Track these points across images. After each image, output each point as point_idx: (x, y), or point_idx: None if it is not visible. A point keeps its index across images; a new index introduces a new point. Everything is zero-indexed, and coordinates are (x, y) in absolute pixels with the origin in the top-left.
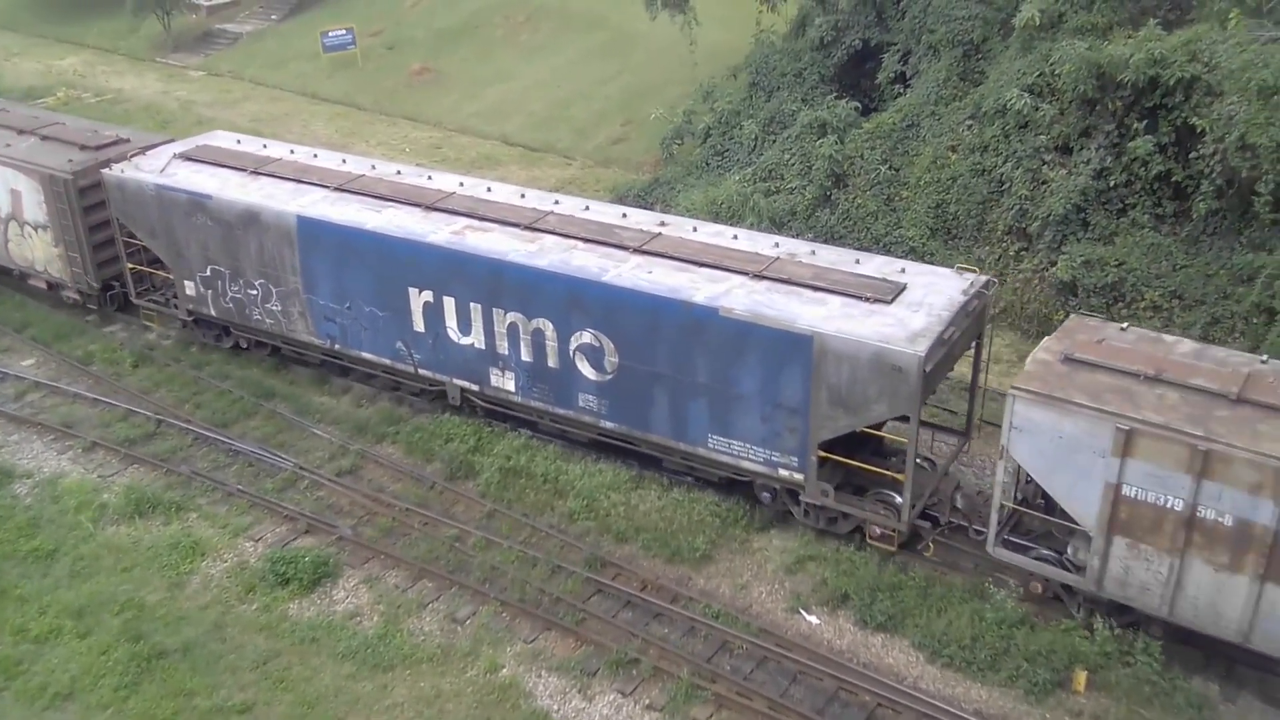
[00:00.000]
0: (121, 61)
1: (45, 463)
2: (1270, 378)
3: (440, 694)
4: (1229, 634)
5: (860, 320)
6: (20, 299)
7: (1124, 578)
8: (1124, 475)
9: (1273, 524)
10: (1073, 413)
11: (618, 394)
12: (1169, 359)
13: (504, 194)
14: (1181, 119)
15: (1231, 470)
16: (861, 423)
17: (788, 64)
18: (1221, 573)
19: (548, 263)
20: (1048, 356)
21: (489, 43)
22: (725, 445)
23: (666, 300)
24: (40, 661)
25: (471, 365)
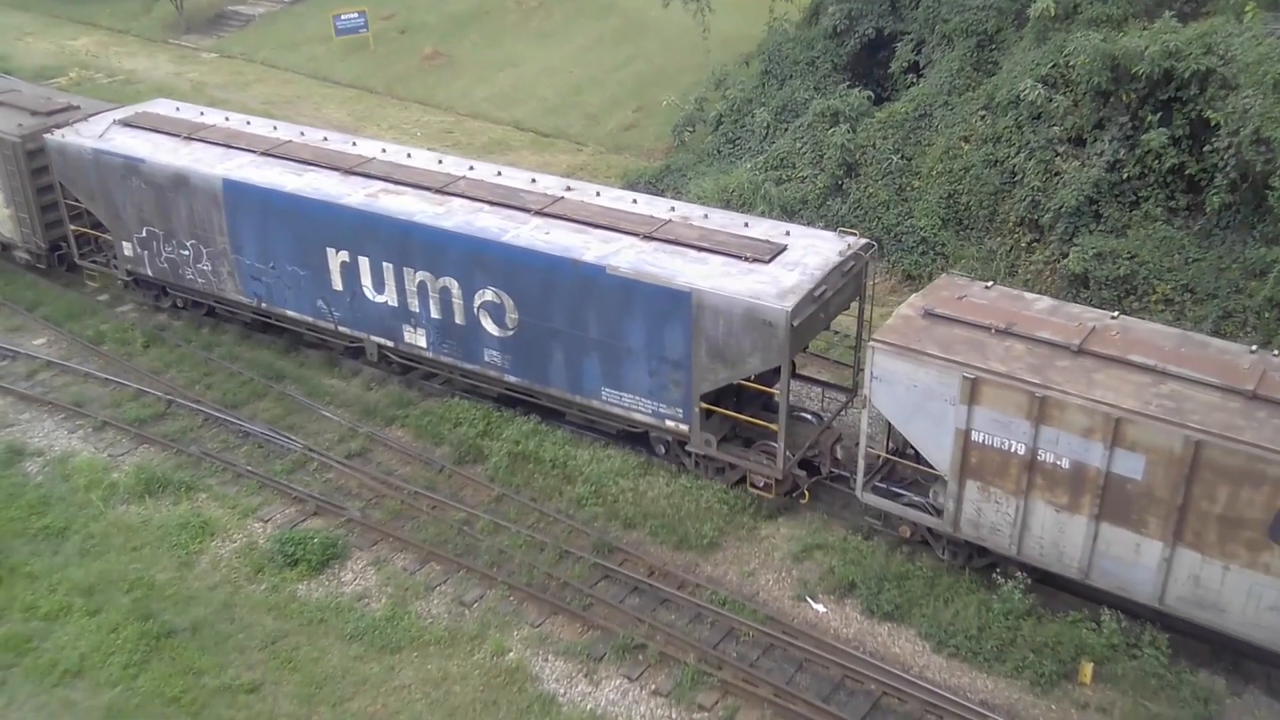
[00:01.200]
0: (134, 42)
1: (56, 441)
2: (1113, 331)
3: (447, 676)
4: (1071, 572)
5: (737, 278)
6: (32, 279)
7: (977, 519)
8: (972, 422)
9: (1104, 466)
10: (925, 363)
11: (519, 349)
12: (1022, 314)
13: (422, 160)
14: (1196, 112)
15: (1066, 416)
16: (738, 375)
17: (800, 52)
18: (1062, 513)
19: (453, 224)
20: (910, 312)
21: (501, 27)
22: (617, 398)
23: (559, 259)
24: (50, 639)
25: (386, 322)
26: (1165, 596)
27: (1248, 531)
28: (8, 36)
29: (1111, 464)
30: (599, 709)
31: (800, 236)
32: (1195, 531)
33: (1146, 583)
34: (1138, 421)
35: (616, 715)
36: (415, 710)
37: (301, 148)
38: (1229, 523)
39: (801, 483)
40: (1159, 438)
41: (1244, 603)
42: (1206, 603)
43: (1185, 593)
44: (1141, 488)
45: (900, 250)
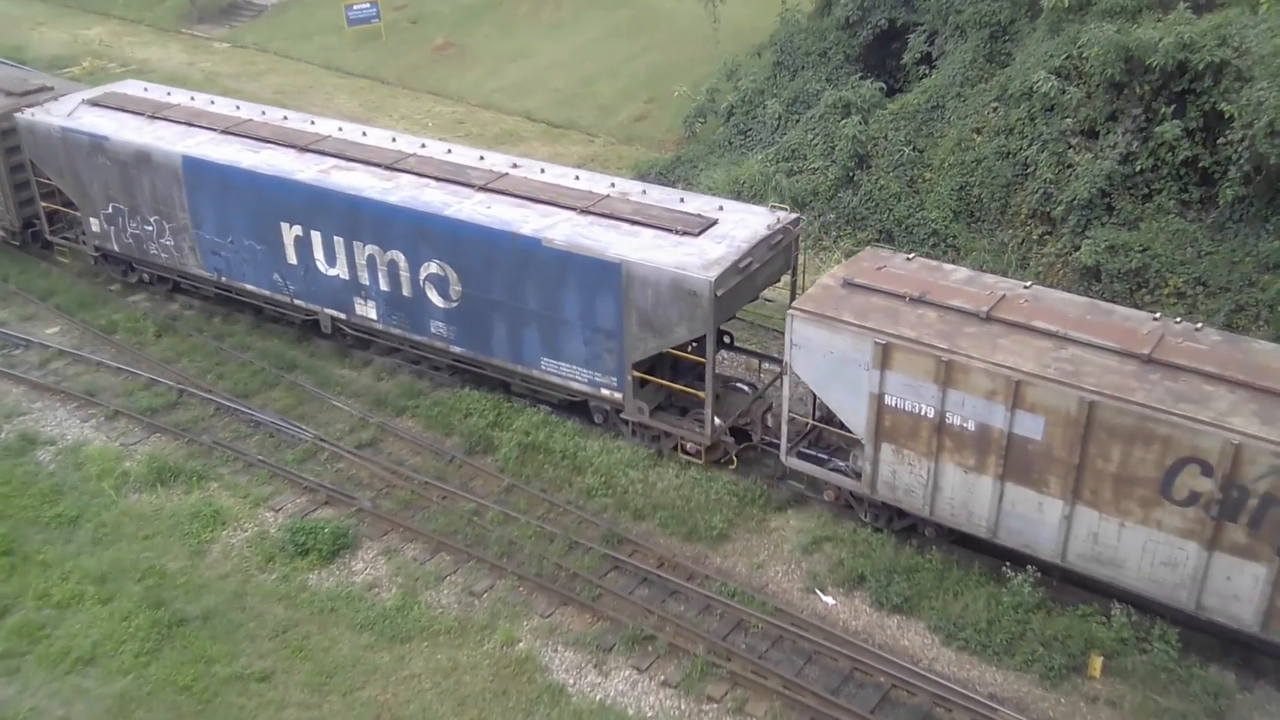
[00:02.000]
0: (147, 32)
1: (68, 430)
2: (1023, 299)
3: (457, 666)
4: (980, 531)
5: (666, 250)
6: (45, 267)
7: (892, 481)
8: (884, 386)
9: (1006, 427)
10: (840, 330)
11: (463, 320)
12: (936, 283)
13: (376, 138)
14: (1210, 104)
15: (970, 379)
16: (667, 344)
17: (812, 43)
18: (970, 474)
19: (398, 198)
20: (831, 282)
21: (513, 18)
22: (556, 367)
23: (499, 232)
24: (62, 626)
25: (338, 295)
26: (1067, 553)
27: (1141, 489)
28: (22, 26)
29: (1013, 425)
30: (608, 699)
31: (732, 211)
32: (1092, 490)
33: (1049, 540)
34: (1036, 384)
35: (625, 706)
36: (425, 700)
37: (260, 126)
38: (1123, 481)
39: (730, 449)
40: (1056, 399)
41: (1139, 558)
42: (1105, 559)
43: (1085, 549)
44: (1041, 448)
45: (911, 242)
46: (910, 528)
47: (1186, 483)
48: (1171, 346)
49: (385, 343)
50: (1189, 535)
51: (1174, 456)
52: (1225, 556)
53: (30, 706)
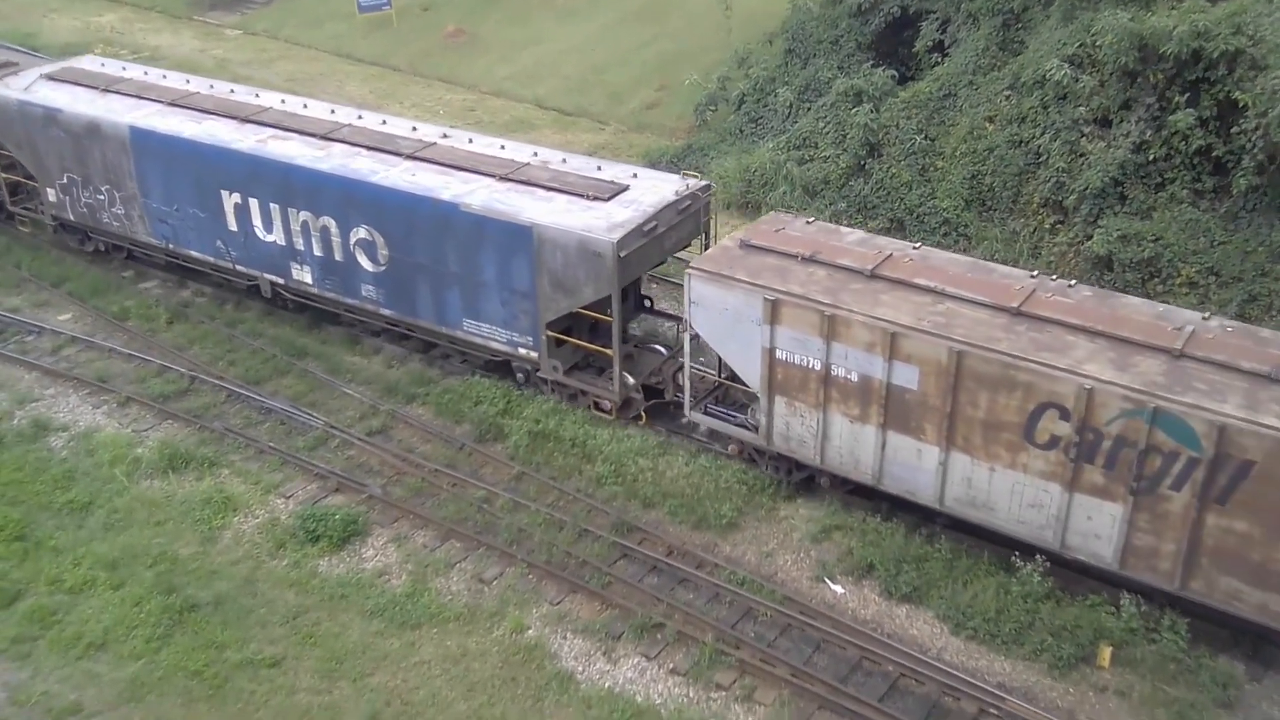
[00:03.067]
0: (159, 19)
1: (81, 416)
2: (907, 257)
3: (466, 653)
4: (866, 478)
5: (575, 214)
6: (58, 254)
7: (786, 432)
8: (775, 340)
9: (885, 378)
10: (733, 287)
11: (391, 283)
12: (828, 244)
13: (316, 110)
14: (1224, 93)
15: (851, 332)
16: (577, 303)
17: (824, 31)
18: (855, 423)
19: (328, 166)
20: (730, 243)
21: (524, 5)
22: (477, 328)
23: (420, 198)
24: (74, 612)
25: (276, 260)
26: (944, 498)
27: (1007, 434)
28: (34, 13)
29: (891, 376)
30: (617, 687)
31: (645, 179)
32: (964, 436)
33: (928, 486)
34: (910, 335)
35: (634, 693)
36: (435, 686)
37: (205, 98)
38: (991, 426)
39: (639, 405)
40: (928, 350)
41: (1009, 501)
42: (978, 502)
43: (960, 494)
44: (917, 397)
45: (923, 231)
46: (809, 479)
47: (1047, 427)
48: (1040, 300)
49: (322, 307)
50: (1051, 477)
51: (1035, 402)
52: (1085, 497)
53: (42, 691)
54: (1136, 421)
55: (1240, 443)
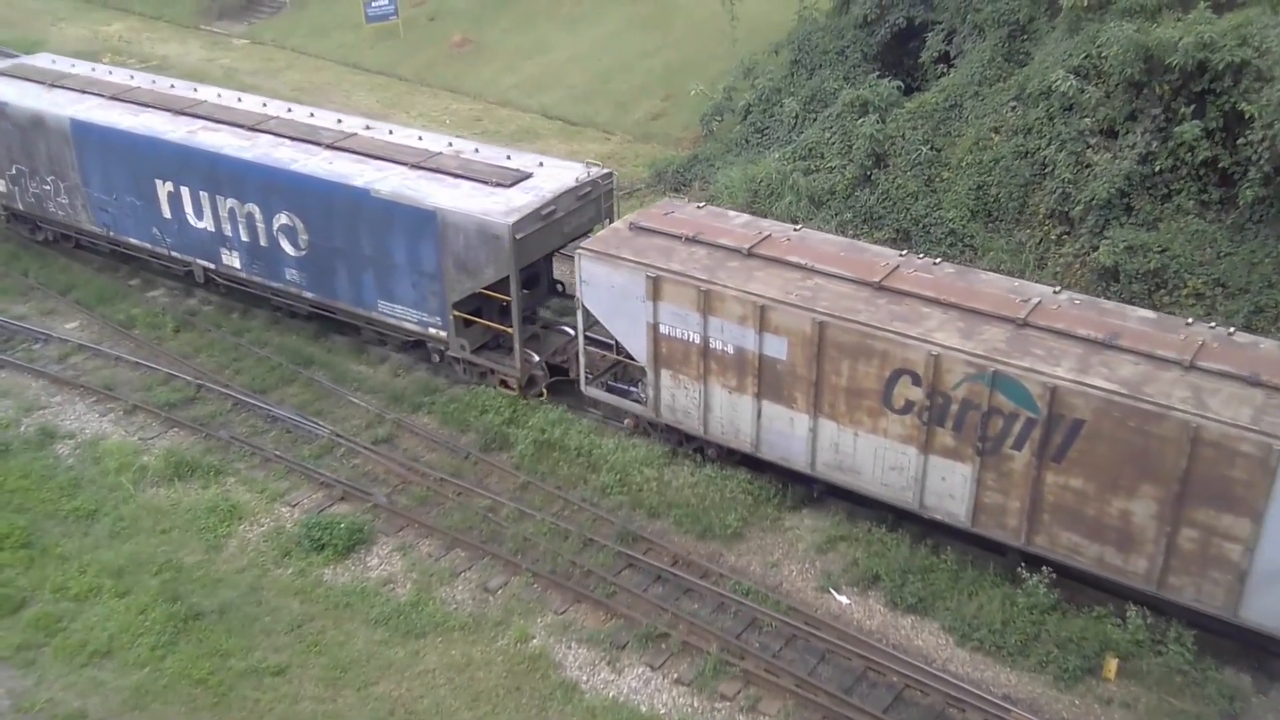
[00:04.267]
0: (166, 28)
1: (87, 424)
2: (786, 238)
3: (471, 662)
4: (745, 447)
5: (477, 199)
6: (65, 262)
7: (672, 405)
8: (658, 316)
9: (757, 349)
10: (619, 266)
11: (312, 267)
12: (712, 226)
13: (249, 104)
14: (1230, 104)
15: (726, 306)
16: (479, 284)
17: (830, 41)
18: (733, 394)
19: (252, 155)
20: (621, 225)
21: (530, 14)
22: (391, 309)
23: (335, 184)
24: (80, 619)
25: (207, 246)
26: (815, 463)
27: (867, 400)
28: (42, 21)
29: (763, 347)
30: (621, 697)
31: (549, 167)
32: (830, 403)
33: (801, 452)
34: (778, 308)
35: (639, 703)
36: (439, 695)
37: (145, 92)
38: (853, 393)
39: (540, 381)
40: (794, 321)
41: (872, 464)
42: (846, 466)
43: (829, 459)
44: (787, 367)
45: (929, 242)
46: (700, 450)
47: (902, 393)
48: (902, 276)
49: (250, 290)
50: (908, 441)
51: (890, 369)
52: (938, 459)
53: (47, 698)
54: (979, 385)
55: (1070, 403)
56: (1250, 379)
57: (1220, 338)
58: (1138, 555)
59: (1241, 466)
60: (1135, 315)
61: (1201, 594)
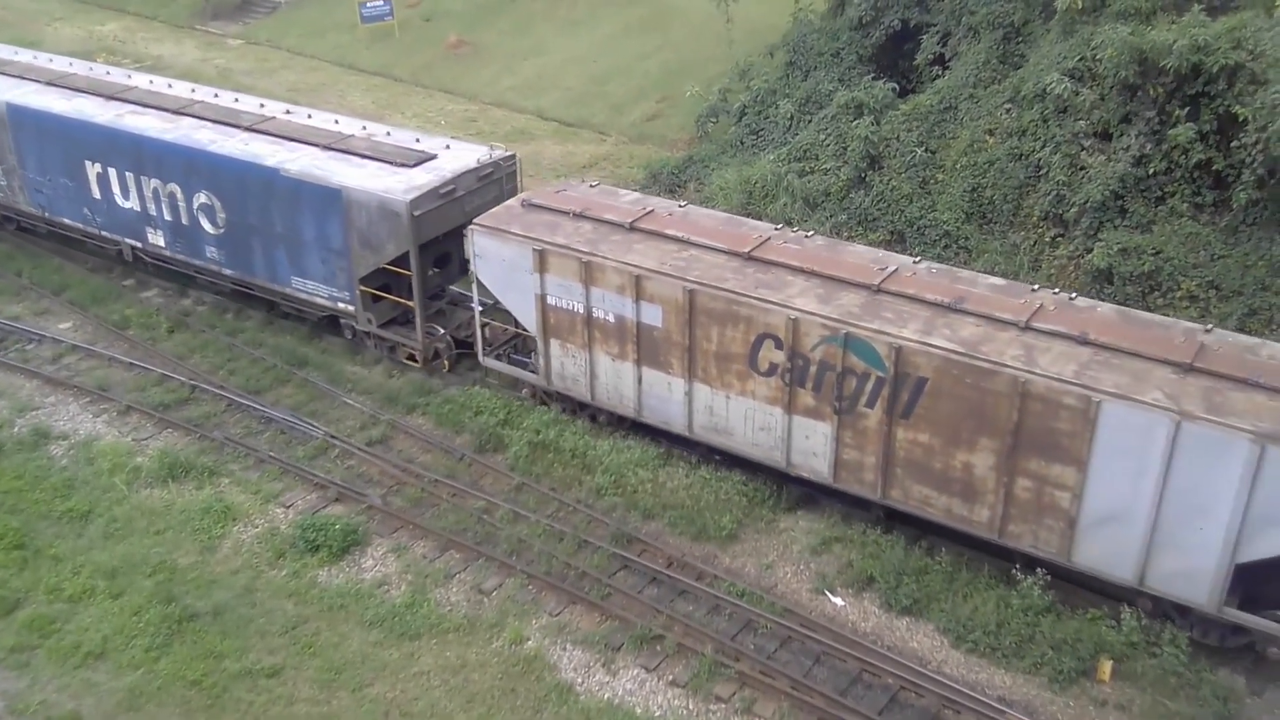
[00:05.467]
0: (161, 28)
1: (81, 425)
2: (668, 213)
3: (466, 664)
4: (629, 411)
5: (380, 179)
6: (59, 262)
7: (562, 372)
8: (545, 288)
9: (635, 317)
10: (508, 240)
11: (230, 245)
12: (600, 202)
13: (178, 90)
14: (1224, 107)
15: (606, 277)
16: (382, 259)
17: (825, 43)
18: (616, 361)
19: (173, 137)
20: (513, 202)
21: (526, 15)
22: (303, 285)
23: (249, 164)
24: (73, 621)
25: (134, 225)
26: (692, 426)
27: (736, 364)
28: (38, 21)
29: (640, 315)
30: (616, 699)
31: (455, 149)
32: (703, 368)
33: (679, 415)
34: (652, 277)
35: (634, 705)
36: (434, 697)
37: (80, 78)
38: (722, 358)
39: (443, 353)
40: (668, 290)
41: (743, 426)
42: (720, 428)
43: (705, 421)
44: (663, 334)
45: (923, 244)
46: (592, 416)
47: (766, 356)
48: (772, 247)
49: (175, 269)
50: (774, 402)
51: (755, 333)
52: (801, 418)
53: (40, 700)
54: (833, 347)
55: (914, 362)
56: (1079, 338)
57: (1061, 302)
58: (981, 505)
59: (1066, 418)
60: (985, 282)
61: (1038, 541)
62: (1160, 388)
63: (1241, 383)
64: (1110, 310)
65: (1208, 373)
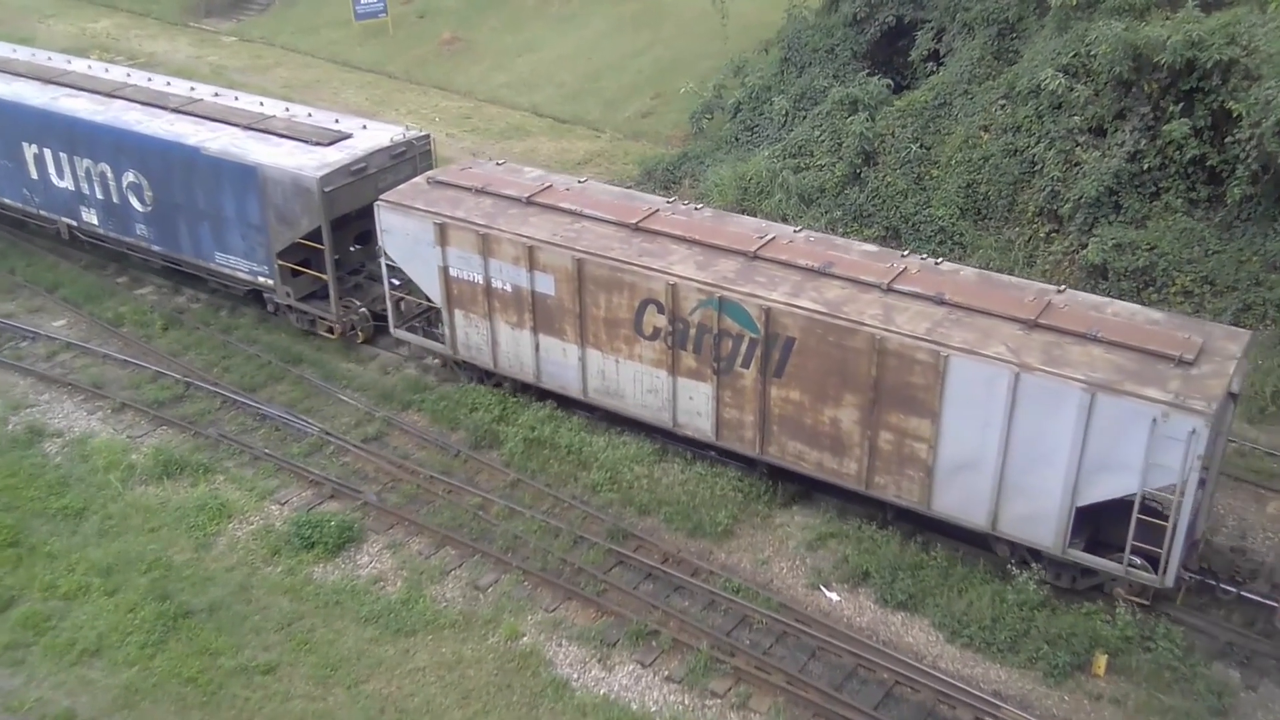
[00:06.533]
0: (154, 25)
1: (75, 422)
2: (566, 188)
3: (461, 660)
4: (528, 377)
5: (295, 156)
6: (53, 260)
7: (467, 342)
8: (447, 260)
9: (530, 287)
10: (411, 215)
11: (158, 222)
12: (502, 179)
13: (115, 74)
14: (1218, 102)
15: (501, 248)
16: (297, 234)
17: (820, 39)
18: (515, 329)
19: (103, 118)
20: (420, 180)
21: (520, 12)
22: (225, 260)
23: (171, 143)
24: (68, 618)
25: (69, 204)
26: (587, 390)
27: (623, 329)
28: (30, 19)
29: (534, 285)
30: (612, 694)
31: (371, 129)
32: (593, 333)
33: (574, 380)
34: (544, 248)
35: (629, 701)
36: (429, 693)
37: (20, 63)
38: (611, 323)
39: (357, 325)
40: (558, 259)
41: (633, 388)
42: (612, 392)
43: (598, 385)
44: (555, 302)
45: (918, 239)
46: (498, 384)
47: (650, 320)
48: (659, 219)
49: (108, 247)
50: (659, 365)
51: (639, 299)
52: (684, 380)
53: (36, 697)
54: (709, 310)
55: (783, 322)
56: (936, 299)
57: (926, 266)
58: (848, 458)
59: (919, 373)
60: (858, 249)
61: (901, 490)
62: (1004, 343)
63: (1080, 337)
64: (972, 273)
65: (1050, 329)
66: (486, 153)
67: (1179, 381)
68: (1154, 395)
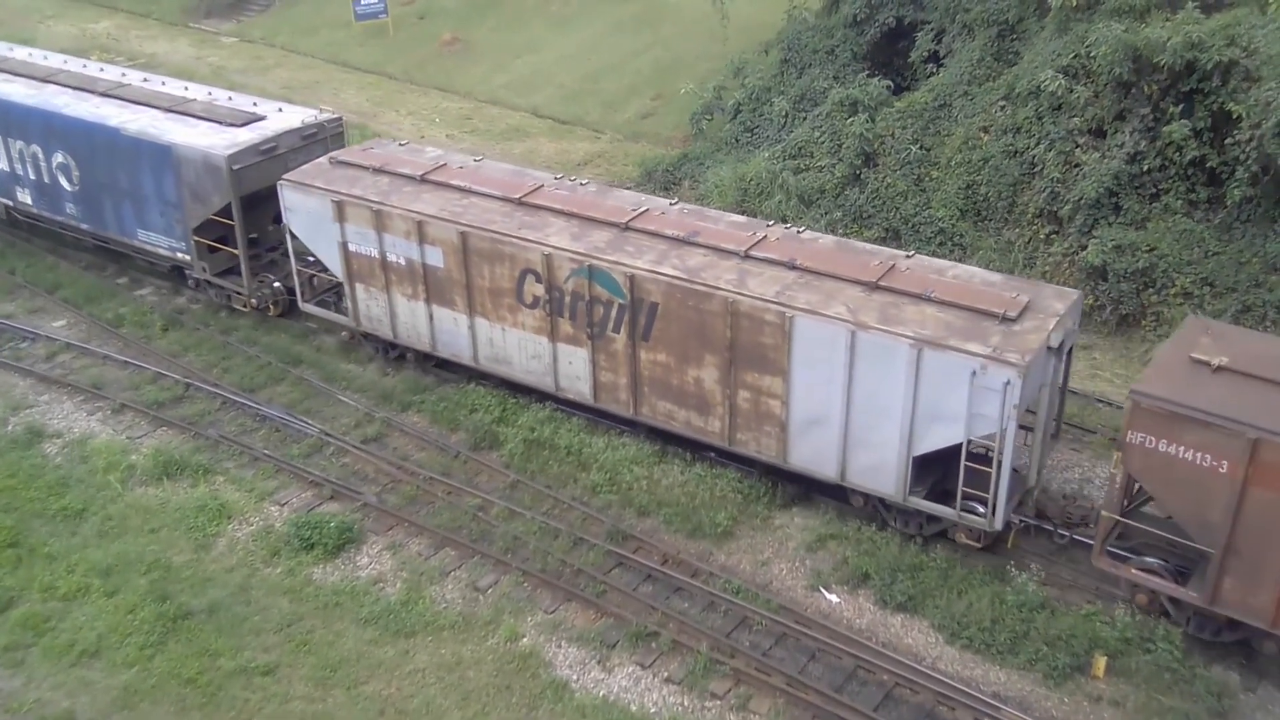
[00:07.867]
0: (154, 26)
1: (75, 423)
2: (459, 166)
3: (461, 661)
4: (425, 346)
5: (208, 136)
6: (53, 260)
7: (369, 314)
8: (346, 236)
9: (421, 260)
10: (312, 193)
11: (85, 201)
12: (401, 158)
13: (53, 61)
14: (1218, 104)
15: (394, 223)
16: (209, 211)
17: (820, 41)
18: (411, 301)
19: (34, 101)
20: (322, 160)
21: (520, 13)
22: (147, 237)
23: (94, 124)
24: (68, 619)
25: (6, 185)
26: (478, 358)
27: (507, 299)
28: (30, 19)
29: (425, 258)
30: (611, 696)
31: (285, 112)
32: (480, 303)
33: (466, 348)
34: (431, 222)
35: (629, 702)
36: (429, 694)
37: None
38: (495, 293)
39: (274, 297)
40: (445, 233)
41: (519, 355)
42: (500, 359)
43: (488, 353)
44: (445, 274)
45: (918, 240)
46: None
47: (530, 289)
48: (543, 194)
49: (44, 226)
50: (540, 331)
51: (519, 269)
52: (564, 345)
53: (35, 698)
54: (581, 279)
55: (647, 288)
56: (788, 264)
57: (788, 235)
58: (713, 417)
59: (769, 333)
60: (726, 220)
61: (761, 446)
62: (845, 304)
63: (917, 298)
64: (830, 241)
65: (890, 290)
66: (486, 154)
67: (999, 337)
68: (974, 349)
